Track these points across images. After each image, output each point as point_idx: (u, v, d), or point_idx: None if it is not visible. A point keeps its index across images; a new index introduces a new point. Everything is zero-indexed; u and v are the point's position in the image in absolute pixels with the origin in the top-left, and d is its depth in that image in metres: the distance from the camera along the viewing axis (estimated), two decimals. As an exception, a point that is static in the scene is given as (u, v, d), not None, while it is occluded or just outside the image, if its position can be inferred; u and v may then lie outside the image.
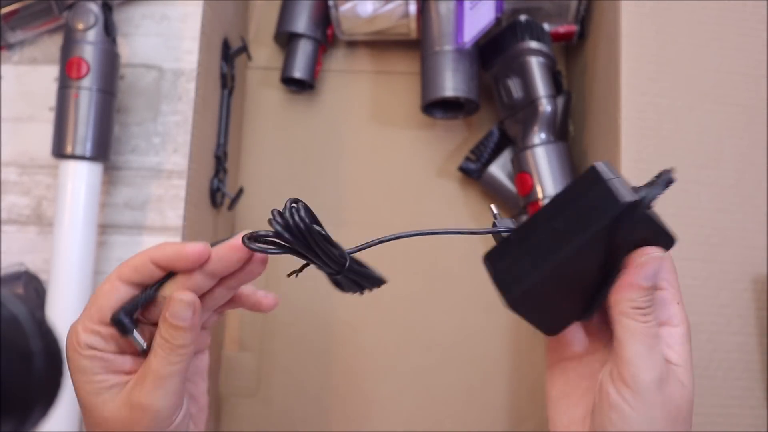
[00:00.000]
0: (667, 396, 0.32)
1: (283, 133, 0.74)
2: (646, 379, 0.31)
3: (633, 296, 0.33)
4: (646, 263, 0.33)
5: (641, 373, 0.31)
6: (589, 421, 0.34)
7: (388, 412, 0.69)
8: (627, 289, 0.33)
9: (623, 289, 0.33)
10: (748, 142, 0.56)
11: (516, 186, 0.65)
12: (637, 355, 0.32)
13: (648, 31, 0.57)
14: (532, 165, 0.63)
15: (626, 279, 0.33)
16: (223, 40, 0.65)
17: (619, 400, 0.32)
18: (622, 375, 0.32)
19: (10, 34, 0.57)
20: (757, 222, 0.54)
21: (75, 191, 0.52)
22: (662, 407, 0.32)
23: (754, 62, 0.57)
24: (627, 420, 0.32)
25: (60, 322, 0.50)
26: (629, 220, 0.32)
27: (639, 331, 0.32)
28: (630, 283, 0.33)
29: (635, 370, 0.32)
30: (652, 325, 0.32)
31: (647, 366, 0.32)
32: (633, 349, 0.32)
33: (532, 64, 0.63)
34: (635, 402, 0.31)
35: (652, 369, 0.32)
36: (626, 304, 0.33)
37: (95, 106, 0.52)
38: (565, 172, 0.63)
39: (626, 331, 0.32)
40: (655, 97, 0.56)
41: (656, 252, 0.33)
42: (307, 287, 0.71)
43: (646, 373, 0.31)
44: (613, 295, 0.33)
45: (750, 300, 0.53)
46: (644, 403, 0.31)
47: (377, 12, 0.66)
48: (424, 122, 0.73)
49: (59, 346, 0.25)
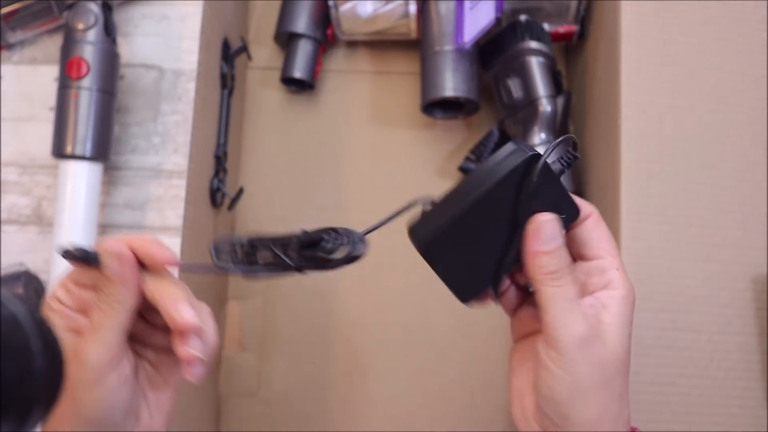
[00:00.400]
0: (591, 355, 0.34)
1: (283, 133, 0.74)
2: (565, 339, 0.33)
3: (539, 263, 0.34)
4: (538, 228, 0.34)
5: (560, 335, 0.33)
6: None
7: (388, 412, 0.69)
8: (531, 257, 0.34)
9: (528, 258, 0.35)
10: (748, 142, 0.56)
11: (516, 186, 0.65)
12: (555, 318, 0.34)
13: (648, 31, 0.57)
14: (532, 165, 0.63)
15: (528, 248, 0.34)
16: (223, 40, 0.65)
17: (548, 361, 0.34)
18: (546, 338, 0.34)
19: (10, 34, 0.57)
20: (757, 222, 0.54)
21: (75, 191, 0.52)
22: (588, 365, 0.34)
23: (754, 62, 0.57)
24: (555, 378, 0.34)
25: (60, 322, 0.50)
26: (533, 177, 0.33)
27: (553, 295, 0.34)
28: (532, 252, 0.34)
29: (554, 332, 0.34)
30: (567, 288, 0.34)
31: (565, 327, 0.33)
32: (551, 312, 0.34)
33: (532, 64, 0.63)
34: (560, 361, 0.33)
35: (572, 329, 0.33)
36: (537, 271, 0.34)
37: (95, 106, 0.52)
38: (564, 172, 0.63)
39: (542, 297, 0.34)
40: (655, 97, 0.56)
41: (545, 216, 0.34)
42: (307, 287, 0.71)
43: (564, 334, 0.33)
44: (526, 266, 0.35)
45: (750, 300, 0.53)
46: (567, 362, 0.33)
47: (377, 12, 0.66)
48: (424, 122, 0.73)
49: (59, 346, 0.25)
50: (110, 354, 0.33)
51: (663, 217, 0.54)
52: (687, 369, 0.52)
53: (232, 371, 0.70)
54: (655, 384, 0.52)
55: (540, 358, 0.35)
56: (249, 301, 0.71)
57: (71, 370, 0.32)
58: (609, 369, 0.34)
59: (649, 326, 0.53)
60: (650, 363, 0.52)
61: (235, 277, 0.71)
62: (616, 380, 0.35)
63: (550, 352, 0.34)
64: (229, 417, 0.69)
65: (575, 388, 0.34)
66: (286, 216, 0.72)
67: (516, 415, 0.38)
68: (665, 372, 0.52)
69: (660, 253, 0.54)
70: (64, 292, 0.35)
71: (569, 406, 0.34)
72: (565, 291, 0.34)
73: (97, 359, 0.33)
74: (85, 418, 0.33)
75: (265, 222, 0.72)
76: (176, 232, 0.55)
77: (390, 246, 0.73)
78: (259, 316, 0.70)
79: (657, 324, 0.53)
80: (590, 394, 0.34)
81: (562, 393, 0.34)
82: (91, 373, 0.33)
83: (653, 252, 0.54)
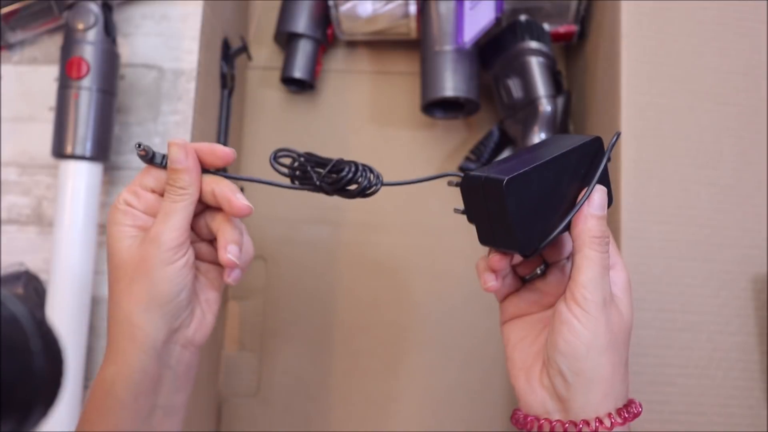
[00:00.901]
0: (609, 317, 0.38)
1: (283, 132, 0.74)
2: (594, 299, 0.37)
3: (590, 225, 0.38)
4: (594, 195, 0.39)
5: (590, 294, 0.37)
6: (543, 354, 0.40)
7: (388, 412, 0.69)
8: (583, 219, 0.38)
9: (581, 220, 0.38)
10: (747, 141, 0.56)
11: (516, 186, 0.65)
12: (590, 279, 0.37)
13: (648, 31, 0.57)
14: (532, 165, 0.63)
15: (583, 210, 0.39)
16: (223, 40, 0.65)
17: (570, 317, 0.37)
18: (575, 296, 0.37)
19: (11, 34, 0.57)
20: (756, 222, 0.54)
21: (75, 191, 0.52)
22: (605, 325, 0.37)
23: (754, 62, 0.57)
24: (575, 332, 0.37)
25: (60, 321, 0.50)
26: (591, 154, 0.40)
27: (595, 259, 0.38)
28: (585, 214, 0.38)
29: (585, 291, 0.37)
30: (606, 256, 0.38)
31: (596, 288, 0.37)
32: (588, 274, 0.37)
33: (532, 64, 0.64)
34: (583, 317, 0.37)
35: (600, 292, 0.37)
36: (585, 233, 0.38)
37: (95, 106, 0.52)
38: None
39: (585, 259, 0.38)
40: (655, 97, 0.56)
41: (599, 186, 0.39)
42: (306, 287, 0.71)
43: (594, 294, 0.37)
44: (573, 228, 0.39)
45: (750, 300, 0.53)
46: (590, 319, 0.37)
47: (377, 12, 0.66)
48: (424, 122, 0.73)
49: (59, 345, 0.25)
50: (181, 237, 0.39)
51: (663, 217, 0.54)
52: (687, 369, 0.52)
53: (232, 371, 0.70)
54: (655, 384, 0.52)
55: (562, 316, 0.38)
56: (249, 301, 0.71)
57: (148, 253, 0.38)
58: (620, 334, 0.38)
59: (649, 326, 0.53)
60: (650, 363, 0.52)
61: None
62: (623, 346, 0.39)
63: (576, 310, 0.37)
64: (229, 417, 0.69)
65: (593, 345, 0.37)
66: (287, 216, 0.72)
67: (520, 386, 0.40)
68: (665, 372, 0.52)
69: (660, 252, 0.54)
70: (133, 195, 0.40)
71: (586, 360, 0.37)
72: (603, 258, 0.38)
73: (170, 241, 0.39)
74: (158, 294, 0.38)
75: (265, 222, 0.72)
76: (176, 232, 0.55)
77: (390, 246, 0.73)
78: (259, 316, 0.70)
79: (657, 324, 0.53)
80: (605, 352, 0.37)
81: (580, 348, 0.37)
82: (165, 253, 0.38)
83: (653, 252, 0.54)
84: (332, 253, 0.71)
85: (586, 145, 0.40)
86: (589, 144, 0.40)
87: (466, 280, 0.70)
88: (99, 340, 0.54)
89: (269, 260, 0.71)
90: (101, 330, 0.55)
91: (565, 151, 0.39)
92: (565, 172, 0.39)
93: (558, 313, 0.38)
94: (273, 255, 0.71)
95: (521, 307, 0.43)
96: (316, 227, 0.72)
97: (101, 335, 0.54)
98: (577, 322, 0.37)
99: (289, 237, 0.72)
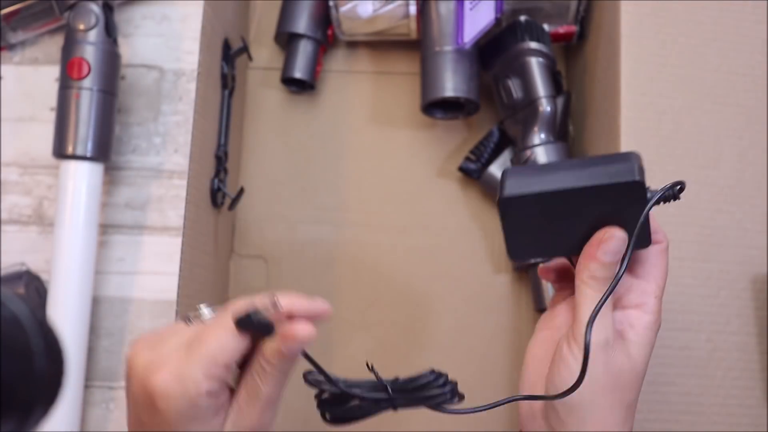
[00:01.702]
0: (610, 359, 0.36)
1: (283, 133, 0.74)
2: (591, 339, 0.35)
3: (592, 266, 0.36)
4: (608, 240, 0.36)
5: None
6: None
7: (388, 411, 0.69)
8: (588, 259, 0.37)
9: (585, 258, 0.37)
10: (747, 142, 0.56)
11: (516, 186, 0.65)
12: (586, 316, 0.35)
13: (648, 31, 0.57)
14: (532, 165, 0.63)
15: (589, 250, 0.37)
16: (224, 40, 0.65)
17: (568, 355, 0.36)
18: (574, 333, 0.36)
19: (11, 35, 0.57)
20: (756, 222, 0.54)
21: (76, 191, 0.52)
22: (604, 367, 0.36)
23: (754, 62, 0.57)
24: (570, 370, 0.35)
25: (61, 321, 0.50)
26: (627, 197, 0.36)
27: (591, 298, 0.36)
28: (591, 255, 0.36)
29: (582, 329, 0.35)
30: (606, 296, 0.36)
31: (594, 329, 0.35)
32: (584, 312, 0.36)
33: (532, 64, 0.64)
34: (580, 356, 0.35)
35: (598, 332, 0.35)
36: (586, 273, 0.37)
37: (96, 107, 0.52)
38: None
39: (581, 296, 0.36)
40: (655, 97, 0.56)
41: (618, 232, 0.36)
42: (306, 287, 0.71)
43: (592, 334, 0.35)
44: (578, 264, 0.37)
45: (749, 300, 0.53)
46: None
47: (377, 12, 0.66)
48: (424, 122, 0.73)
49: (60, 345, 0.25)
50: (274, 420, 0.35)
51: (663, 217, 0.54)
52: (686, 368, 0.52)
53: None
54: (654, 384, 0.52)
55: (561, 352, 0.36)
56: (249, 300, 0.71)
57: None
58: (624, 378, 0.37)
59: (648, 326, 0.53)
60: (650, 363, 0.52)
61: (236, 277, 0.71)
62: (628, 391, 0.37)
63: (573, 346, 0.36)
64: (230, 416, 0.69)
65: (587, 385, 0.35)
66: (287, 216, 0.72)
67: (524, 410, 0.39)
68: (664, 371, 0.52)
69: (660, 253, 0.54)
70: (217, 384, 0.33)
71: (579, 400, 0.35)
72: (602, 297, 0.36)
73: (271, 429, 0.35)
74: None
75: (265, 222, 0.72)
76: (177, 232, 0.56)
77: (390, 246, 0.73)
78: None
79: (657, 324, 0.53)
80: (601, 394, 0.36)
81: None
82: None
83: (653, 252, 0.54)
84: (332, 253, 0.71)
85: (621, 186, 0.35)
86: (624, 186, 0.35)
87: (466, 281, 0.70)
88: (99, 340, 0.55)
89: (269, 260, 0.71)
90: (102, 330, 0.55)
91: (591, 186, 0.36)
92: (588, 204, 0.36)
93: (558, 348, 0.37)
94: (273, 255, 0.71)
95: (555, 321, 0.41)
96: (316, 227, 0.72)
97: (102, 335, 0.55)
98: (572, 360, 0.36)
99: (289, 237, 0.72)
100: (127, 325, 0.55)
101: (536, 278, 0.66)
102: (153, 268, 0.55)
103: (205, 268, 0.61)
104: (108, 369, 0.54)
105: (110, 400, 0.54)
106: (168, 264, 0.55)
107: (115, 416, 0.54)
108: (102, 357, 0.54)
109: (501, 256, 0.71)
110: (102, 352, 0.54)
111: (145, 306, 0.55)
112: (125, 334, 0.55)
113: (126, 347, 0.55)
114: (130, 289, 0.55)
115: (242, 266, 0.71)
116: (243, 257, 0.71)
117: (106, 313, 0.55)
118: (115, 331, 0.55)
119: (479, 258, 0.71)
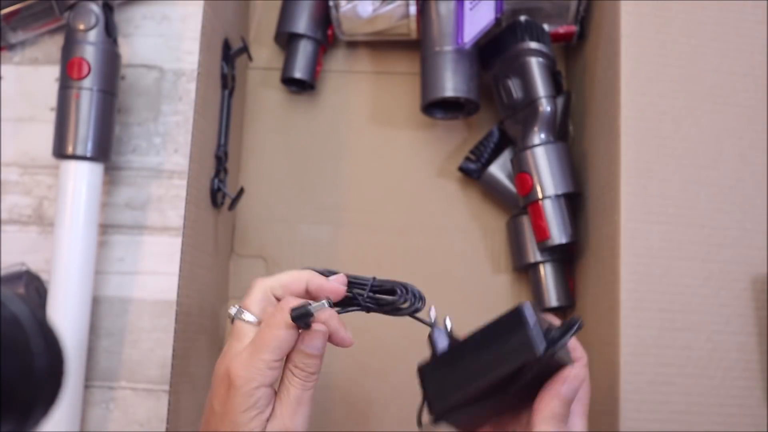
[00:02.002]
0: None
1: (283, 133, 0.74)
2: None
3: (554, 404, 0.39)
4: (573, 379, 0.40)
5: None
6: None
7: (388, 412, 0.69)
8: (552, 397, 0.39)
9: (548, 396, 0.40)
10: (747, 142, 0.56)
11: (516, 186, 0.65)
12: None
13: (648, 31, 0.57)
14: (531, 165, 0.63)
15: (553, 389, 0.40)
16: (224, 40, 0.65)
17: None
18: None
19: (11, 35, 0.57)
20: (756, 222, 0.54)
21: (76, 191, 0.52)
22: None
23: (754, 62, 0.57)
24: None
25: (61, 322, 0.50)
26: (540, 362, 0.39)
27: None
28: (556, 393, 0.39)
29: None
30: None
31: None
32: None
33: (532, 64, 0.64)
34: None
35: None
36: (547, 410, 0.39)
37: (96, 107, 0.52)
38: (564, 172, 0.63)
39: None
40: (655, 97, 0.56)
41: (581, 372, 0.40)
42: (307, 287, 0.70)
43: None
44: (537, 403, 0.40)
45: (749, 300, 0.53)
46: None
47: (377, 12, 0.66)
48: (424, 122, 0.73)
49: (60, 345, 0.25)
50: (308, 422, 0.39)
51: (663, 217, 0.54)
52: (686, 368, 0.52)
53: (232, 371, 0.70)
54: (654, 383, 0.52)
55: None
56: (249, 300, 0.71)
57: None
58: None
59: (648, 326, 0.53)
60: (650, 362, 0.52)
61: (236, 277, 0.71)
62: None
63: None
64: (230, 417, 0.69)
65: None
66: (286, 216, 0.72)
67: None
68: (665, 371, 0.52)
69: (660, 253, 0.54)
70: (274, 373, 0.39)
71: None
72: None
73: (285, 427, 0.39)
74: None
75: (266, 222, 0.72)
76: (177, 232, 0.56)
77: (390, 246, 0.73)
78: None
79: (657, 323, 0.53)
80: None
81: None
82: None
83: (653, 252, 0.54)
84: (332, 253, 0.71)
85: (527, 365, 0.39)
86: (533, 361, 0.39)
87: (466, 281, 0.70)
88: (99, 340, 0.55)
89: (269, 260, 0.71)
90: (101, 330, 0.55)
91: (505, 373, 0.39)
92: (507, 379, 0.40)
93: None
94: (273, 255, 0.71)
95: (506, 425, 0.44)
96: (316, 227, 0.72)
97: (101, 335, 0.55)
98: None
99: (289, 237, 0.72)
100: (127, 325, 0.55)
101: (536, 278, 0.66)
102: (153, 268, 0.56)
103: (205, 268, 0.61)
104: (108, 369, 0.54)
105: (110, 400, 0.54)
106: (168, 264, 0.55)
107: (115, 416, 0.54)
108: (102, 357, 0.54)
109: (501, 256, 0.71)
110: (102, 352, 0.54)
111: (145, 306, 0.55)
112: (125, 334, 0.55)
113: (126, 347, 0.55)
114: (130, 289, 0.55)
115: (242, 266, 0.71)
116: (243, 257, 0.71)
117: (106, 313, 0.55)
118: (115, 331, 0.55)
119: (479, 258, 0.71)
